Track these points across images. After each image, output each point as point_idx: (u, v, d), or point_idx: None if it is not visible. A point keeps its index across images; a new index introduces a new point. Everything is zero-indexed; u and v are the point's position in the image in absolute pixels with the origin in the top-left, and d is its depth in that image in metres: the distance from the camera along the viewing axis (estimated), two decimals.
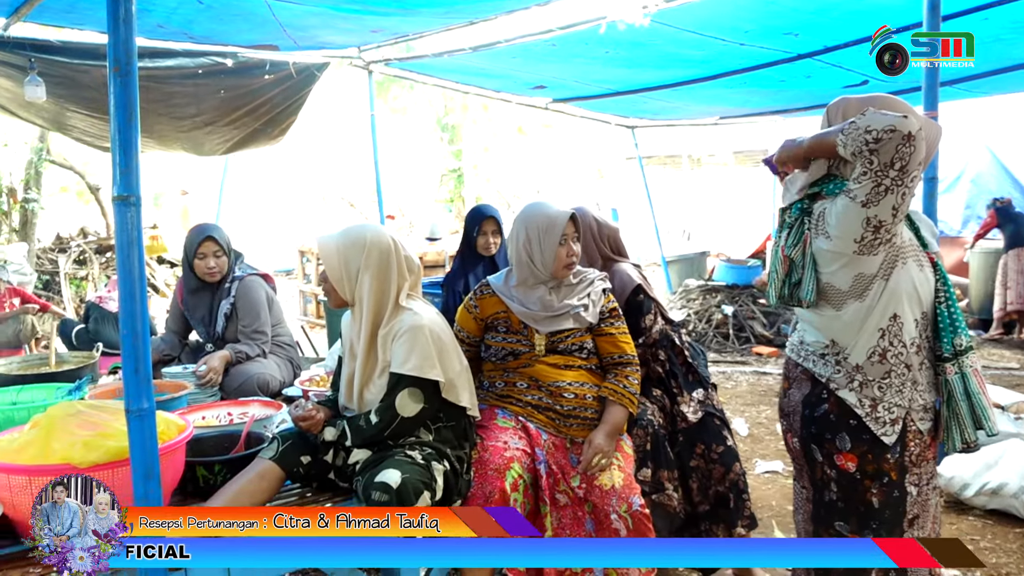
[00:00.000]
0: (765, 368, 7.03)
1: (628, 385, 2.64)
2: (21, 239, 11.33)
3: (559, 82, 6.68)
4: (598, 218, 3.11)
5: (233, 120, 6.50)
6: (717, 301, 8.50)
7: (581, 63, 5.77)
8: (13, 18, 4.54)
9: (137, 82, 1.83)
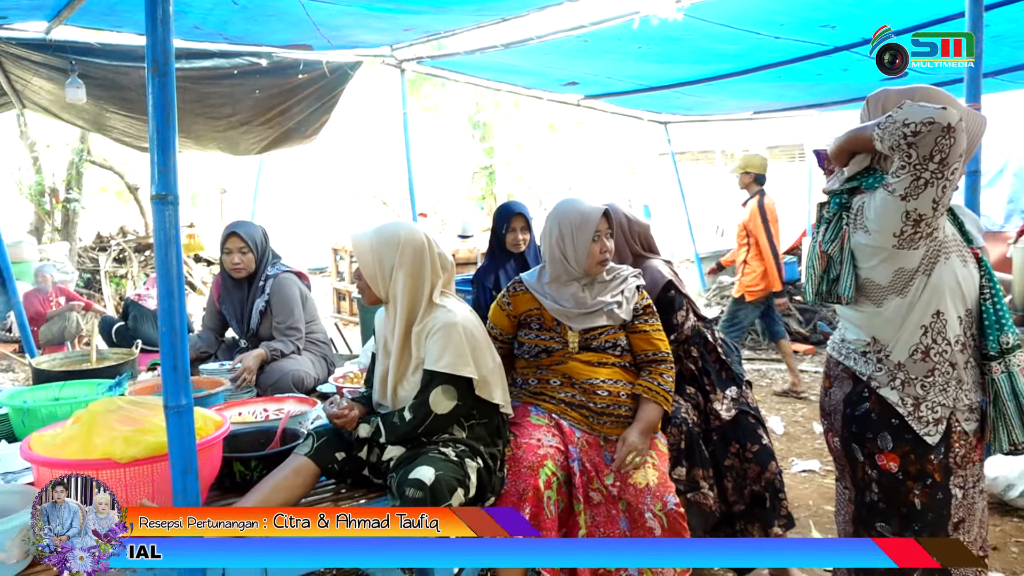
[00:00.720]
0: (801, 365, 6.93)
1: (663, 383, 2.61)
2: (63, 238, 11.59)
3: (591, 78, 6.64)
4: (629, 215, 3.09)
5: (268, 120, 6.58)
6: None
7: (613, 59, 5.74)
8: (55, 21, 4.64)
9: (174, 82, 1.85)
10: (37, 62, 5.27)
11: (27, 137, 11.71)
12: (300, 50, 5.70)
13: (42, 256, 10.01)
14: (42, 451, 2.10)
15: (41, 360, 4.08)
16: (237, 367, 3.49)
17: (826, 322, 7.91)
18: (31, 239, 10.74)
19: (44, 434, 2.22)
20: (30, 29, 4.96)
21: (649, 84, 6.78)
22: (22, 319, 5.73)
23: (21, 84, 5.73)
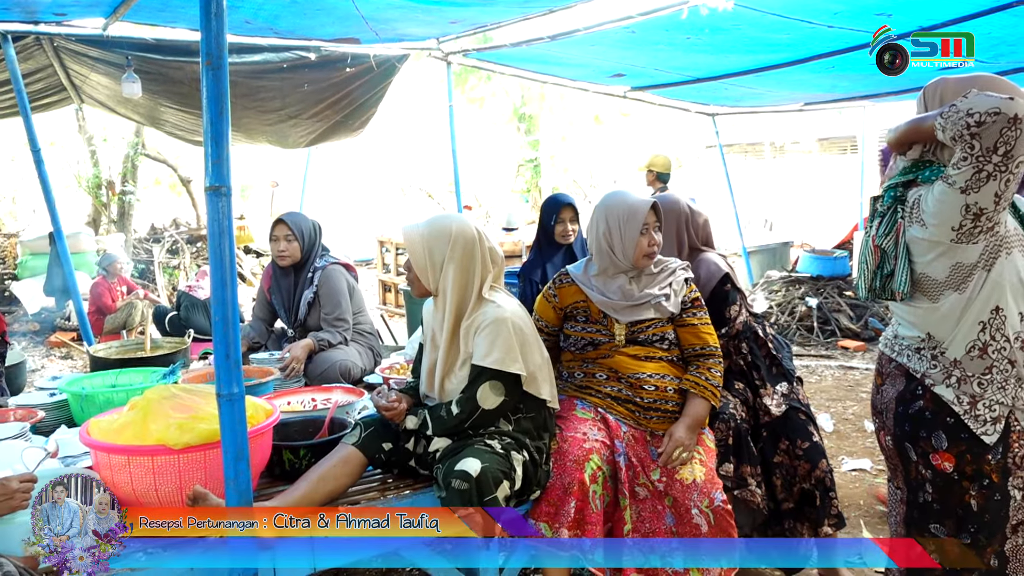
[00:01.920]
0: (851, 363, 6.78)
1: (710, 378, 2.58)
2: (119, 230, 11.91)
3: (638, 70, 6.57)
4: (691, 207, 3.04)
5: (316, 113, 6.66)
6: (801, 293, 8.25)
7: (661, 50, 5.66)
8: (112, 18, 4.75)
9: (228, 75, 1.87)
10: (95, 58, 5.40)
11: (85, 131, 12.05)
12: (348, 44, 5.75)
13: (99, 247, 10.30)
14: (100, 436, 2.16)
15: (98, 348, 4.21)
16: (286, 357, 3.55)
17: (877, 318, 7.73)
18: (89, 231, 11.05)
19: (102, 420, 2.28)
20: (88, 26, 5.08)
21: (697, 75, 6.68)
22: (80, 308, 5.91)
23: (80, 79, 5.88)
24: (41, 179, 5.25)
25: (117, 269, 8.08)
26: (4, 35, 4.84)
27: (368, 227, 12.73)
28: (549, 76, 7.25)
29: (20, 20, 4.80)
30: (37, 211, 12.74)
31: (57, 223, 5.45)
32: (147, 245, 11.38)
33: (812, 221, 12.64)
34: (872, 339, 7.42)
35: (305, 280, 3.86)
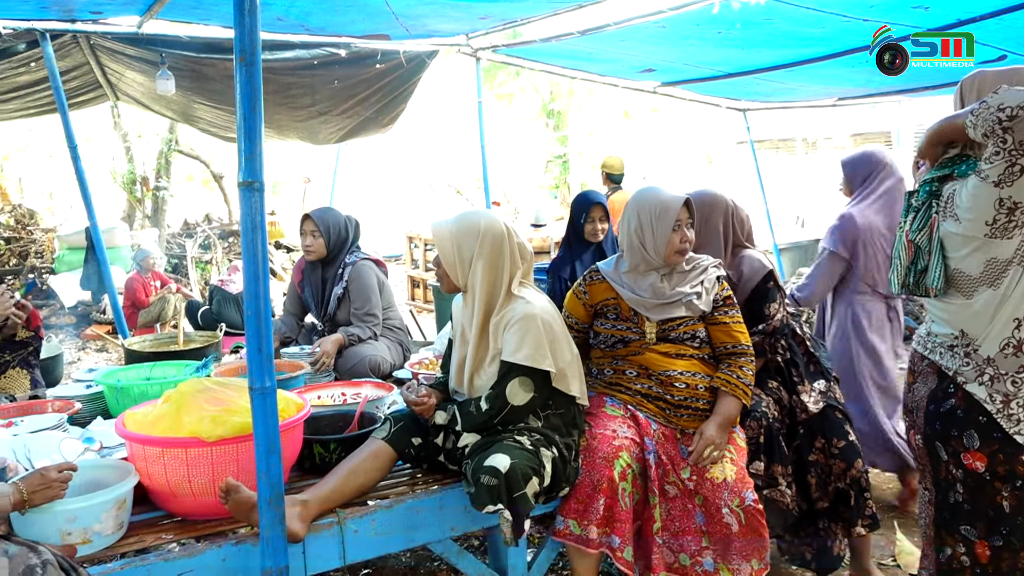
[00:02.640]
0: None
1: (742, 376, 2.55)
2: (153, 225, 12.10)
3: (668, 65, 6.51)
4: (735, 203, 3.01)
5: (346, 109, 6.70)
6: None
7: (692, 45, 5.61)
8: (146, 16, 4.81)
9: (261, 71, 1.88)
10: (130, 55, 5.48)
11: (120, 128, 12.25)
12: (378, 40, 5.77)
13: (134, 242, 10.46)
14: (135, 428, 2.19)
15: (132, 341, 4.27)
16: (316, 351, 3.58)
17: (912, 317, 7.59)
18: (124, 225, 11.23)
19: (137, 412, 2.32)
20: (123, 23, 5.16)
21: (728, 70, 6.60)
22: (115, 302, 6.01)
23: (115, 77, 5.98)
24: (78, 175, 5.34)
25: (150, 264, 8.21)
26: (42, 33, 4.93)
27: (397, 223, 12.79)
28: (578, 72, 7.22)
29: (58, 19, 4.88)
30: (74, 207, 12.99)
31: (93, 218, 5.54)
32: (180, 240, 11.54)
33: None
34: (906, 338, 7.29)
35: (335, 275, 3.88)
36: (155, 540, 2.09)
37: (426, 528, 2.36)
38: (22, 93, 5.83)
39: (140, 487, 2.16)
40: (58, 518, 1.92)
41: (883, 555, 3.17)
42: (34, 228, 10.91)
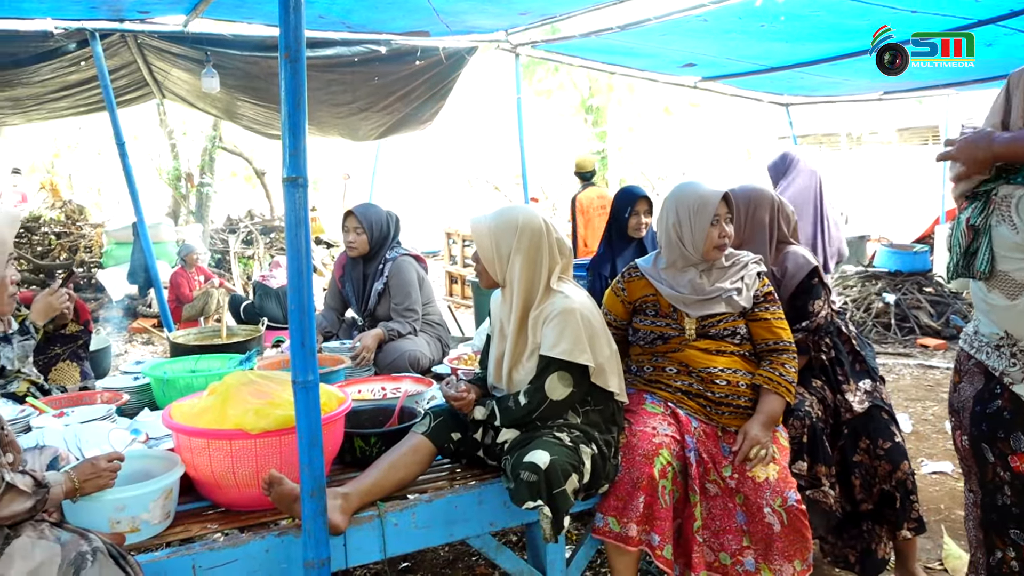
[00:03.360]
0: (931, 361, 6.54)
1: (785, 373, 2.51)
2: (197, 220, 12.32)
3: (709, 59, 6.44)
4: (782, 199, 2.96)
5: (386, 106, 6.74)
6: (877, 288, 7.98)
7: (734, 38, 5.53)
8: (192, 14, 4.90)
9: (305, 68, 1.90)
10: (176, 54, 5.58)
11: (166, 125, 12.50)
12: (418, 37, 5.80)
13: (178, 237, 10.67)
14: (181, 420, 2.23)
15: (177, 335, 4.36)
16: (357, 346, 3.61)
17: (960, 315, 7.42)
18: (169, 221, 11.46)
19: (183, 404, 2.36)
20: (169, 22, 5.26)
21: (771, 64, 6.51)
22: (161, 296, 6.13)
23: (161, 75, 6.09)
24: (125, 171, 5.46)
25: (194, 259, 8.37)
26: (92, 33, 5.05)
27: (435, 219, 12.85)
28: (618, 67, 7.18)
29: (107, 18, 4.99)
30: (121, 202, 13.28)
31: (140, 214, 5.66)
32: (223, 235, 11.73)
33: (890, 214, 12.20)
34: (953, 337, 7.13)
35: (376, 271, 3.91)
36: (200, 530, 2.13)
37: (465, 523, 2.37)
38: (72, 92, 5.97)
39: (186, 477, 2.20)
40: (107, 507, 1.97)
41: (929, 559, 3.11)
42: (83, 224, 11.17)
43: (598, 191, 7.07)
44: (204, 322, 7.66)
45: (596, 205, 6.92)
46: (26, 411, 2.80)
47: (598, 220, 6.76)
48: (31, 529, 1.73)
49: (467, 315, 8.36)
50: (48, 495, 1.78)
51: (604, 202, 6.90)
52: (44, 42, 5.10)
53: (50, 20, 4.91)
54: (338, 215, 5.71)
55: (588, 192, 7.01)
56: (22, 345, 3.04)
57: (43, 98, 6.05)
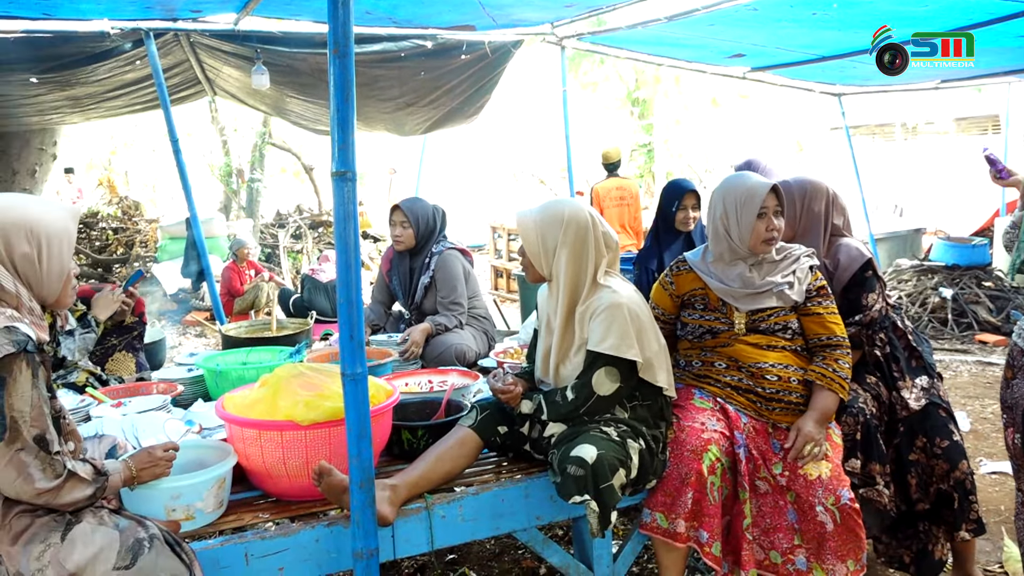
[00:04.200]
0: (990, 358, 6.34)
1: (838, 369, 2.45)
2: (247, 215, 12.55)
3: (759, 49, 6.32)
4: (835, 191, 2.90)
5: (432, 100, 6.77)
6: (934, 283, 7.76)
7: (784, 27, 5.42)
8: (243, 13, 4.98)
9: (353, 63, 1.91)
10: (227, 52, 5.69)
11: (218, 122, 12.75)
12: (464, 31, 5.80)
13: (230, 232, 10.88)
14: (233, 410, 2.27)
15: (229, 328, 4.44)
16: (406, 340, 3.64)
17: (1022, 311, 7.18)
18: (221, 216, 11.69)
19: (235, 395, 2.40)
20: (221, 21, 5.36)
21: (823, 53, 6.36)
22: (213, 290, 6.26)
23: (213, 73, 6.21)
24: (179, 168, 5.58)
25: (245, 254, 8.53)
26: (147, 32, 5.17)
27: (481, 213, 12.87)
28: (665, 58, 7.09)
29: (161, 18, 5.11)
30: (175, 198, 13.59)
31: (193, 209, 5.79)
32: (273, 230, 11.93)
33: (947, 206, 11.86)
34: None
35: (422, 265, 3.94)
36: (252, 519, 2.17)
37: (512, 516, 2.37)
38: (128, 90, 6.13)
39: (239, 467, 2.24)
40: (163, 495, 2.01)
41: (988, 562, 3.01)
42: (139, 219, 11.47)
43: (617, 182, 7.20)
44: (254, 315, 7.81)
45: (613, 196, 7.08)
46: (86, 401, 2.89)
47: (614, 210, 6.99)
48: (91, 515, 1.78)
49: (512, 309, 8.37)
50: (107, 482, 1.83)
51: (622, 193, 7.10)
52: (101, 42, 5.25)
53: (107, 20, 5.04)
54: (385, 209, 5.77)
55: (607, 182, 7.16)
56: (84, 338, 3.13)
57: (100, 97, 6.23)
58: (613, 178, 7.23)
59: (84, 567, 1.69)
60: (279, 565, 2.07)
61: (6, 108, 6.25)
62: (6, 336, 1.64)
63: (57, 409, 1.85)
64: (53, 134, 8.11)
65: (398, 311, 4.22)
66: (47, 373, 1.76)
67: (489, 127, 13.22)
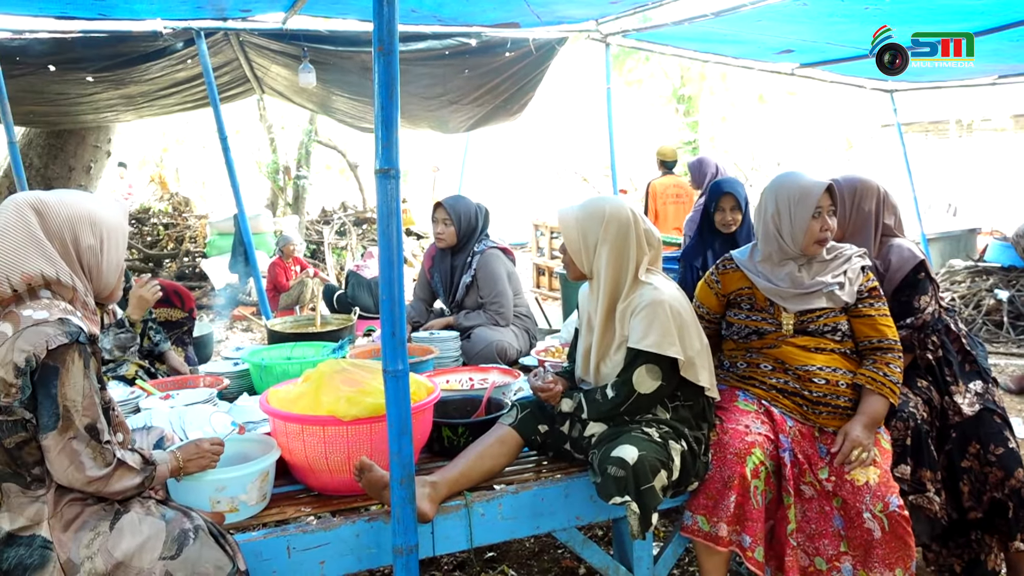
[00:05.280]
0: None
1: (889, 373, 2.39)
2: (293, 212, 12.73)
3: (808, 45, 6.19)
4: (886, 190, 2.82)
5: (476, 98, 6.78)
6: (989, 285, 7.53)
7: (835, 22, 5.30)
8: (290, 12, 5.04)
9: (398, 61, 1.92)
10: (275, 50, 5.77)
11: (265, 120, 12.95)
12: (508, 28, 5.80)
13: (276, 228, 11.04)
14: (277, 405, 2.30)
15: (274, 323, 4.50)
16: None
17: None
18: (268, 213, 11.87)
19: (279, 390, 2.43)
20: (269, 20, 5.44)
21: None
22: (260, 285, 6.36)
23: (261, 71, 6.31)
24: (227, 165, 5.68)
25: (291, 250, 8.65)
26: (198, 32, 5.27)
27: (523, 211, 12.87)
28: (711, 55, 6.99)
29: (211, 17, 5.20)
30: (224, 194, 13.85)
31: (240, 205, 5.89)
32: (318, 227, 12.08)
33: (1003, 206, 11.50)
34: None
35: (464, 263, 3.95)
36: (295, 512, 2.20)
37: (551, 516, 2.36)
38: (179, 88, 6.26)
39: (282, 461, 2.27)
40: (208, 487, 2.05)
41: None
42: (189, 215, 11.70)
43: (675, 179, 7.24)
44: (299, 311, 7.91)
45: (671, 193, 7.10)
46: (136, 393, 2.95)
47: (672, 208, 7.02)
48: (139, 505, 1.82)
49: (554, 307, 8.34)
50: (155, 473, 1.86)
51: (679, 191, 7.11)
52: (154, 42, 5.36)
53: (159, 20, 5.14)
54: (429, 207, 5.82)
55: (664, 179, 7.19)
56: (118, 337, 3.20)
57: (153, 95, 6.37)
58: (670, 176, 7.25)
59: (131, 556, 1.72)
60: (320, 559, 2.09)
61: (64, 106, 6.43)
62: (60, 328, 1.68)
63: (107, 400, 1.89)
64: (108, 132, 8.31)
65: (439, 308, 4.24)
66: (98, 365, 1.80)
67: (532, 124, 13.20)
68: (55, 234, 1.78)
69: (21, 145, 7.50)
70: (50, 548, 1.68)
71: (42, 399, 1.67)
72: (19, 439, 1.68)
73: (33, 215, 1.77)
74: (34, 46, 5.21)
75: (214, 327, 6.94)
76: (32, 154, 7.88)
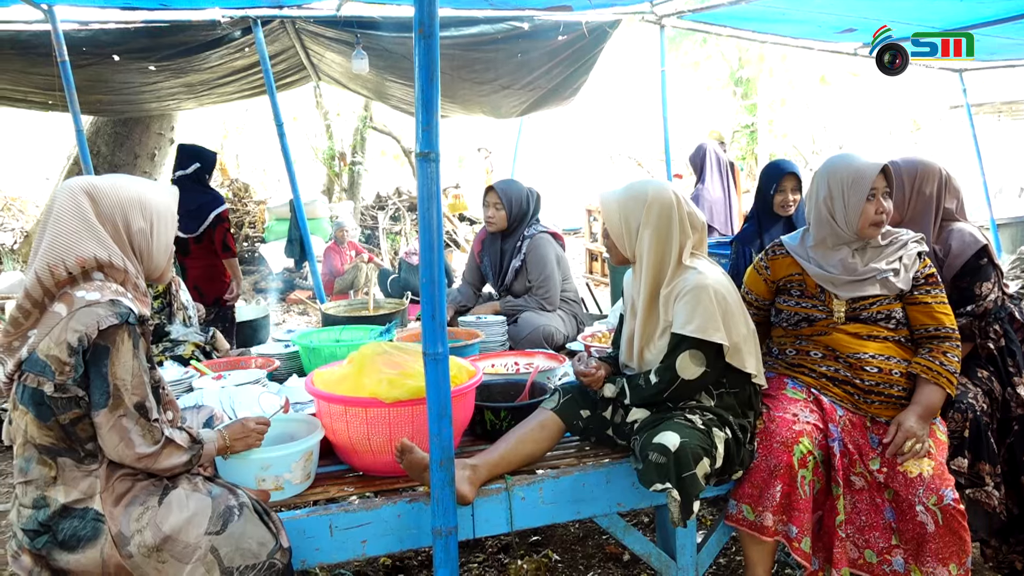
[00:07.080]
0: None
1: (946, 363, 2.30)
2: (348, 198, 12.91)
3: (871, 23, 5.97)
4: (949, 172, 2.71)
5: (528, 82, 6.74)
6: None
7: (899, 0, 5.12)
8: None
9: (438, 44, 1.92)
10: (330, 37, 5.83)
11: (321, 107, 13.14)
12: (560, 12, 5.73)
13: (332, 214, 11.21)
14: (322, 386, 2.34)
15: (329, 306, 4.58)
16: None
17: None
18: (323, 198, 12.07)
19: (324, 371, 2.47)
20: (324, 7, 5.49)
21: (943, 26, 5.96)
22: (315, 269, 6.47)
23: (317, 58, 6.39)
24: (284, 151, 5.78)
25: (345, 236, 8.77)
26: (255, 20, 5.35)
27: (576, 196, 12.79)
28: (770, 35, 6.81)
29: (267, 5, 5.27)
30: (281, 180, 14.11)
31: (296, 191, 5.99)
32: (373, 212, 12.23)
33: None
34: None
35: (514, 247, 3.95)
36: (338, 492, 2.23)
37: (592, 501, 2.35)
38: (238, 76, 6.38)
39: (326, 442, 2.31)
40: (254, 465, 2.10)
41: None
42: (248, 201, 11.97)
43: None
44: (354, 295, 8.03)
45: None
46: (190, 372, 3.03)
47: None
48: (186, 482, 1.87)
49: (605, 292, 8.29)
50: (202, 451, 1.91)
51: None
52: (212, 30, 5.47)
53: (217, 9, 5.24)
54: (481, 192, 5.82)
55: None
56: (188, 333, 3.35)
57: (212, 83, 6.51)
58: None
59: (179, 530, 1.77)
60: (362, 538, 2.12)
61: (128, 95, 6.62)
62: (110, 309, 1.74)
63: (156, 379, 1.95)
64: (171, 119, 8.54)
65: (488, 293, 4.25)
66: (147, 345, 1.86)
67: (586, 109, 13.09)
68: (107, 218, 1.83)
69: (89, 133, 7.77)
70: (102, 521, 1.74)
71: (94, 377, 1.73)
72: (73, 415, 1.74)
73: (86, 200, 1.82)
74: (100, 37, 5.37)
75: (271, 310, 7.10)
76: (100, 142, 8.14)
